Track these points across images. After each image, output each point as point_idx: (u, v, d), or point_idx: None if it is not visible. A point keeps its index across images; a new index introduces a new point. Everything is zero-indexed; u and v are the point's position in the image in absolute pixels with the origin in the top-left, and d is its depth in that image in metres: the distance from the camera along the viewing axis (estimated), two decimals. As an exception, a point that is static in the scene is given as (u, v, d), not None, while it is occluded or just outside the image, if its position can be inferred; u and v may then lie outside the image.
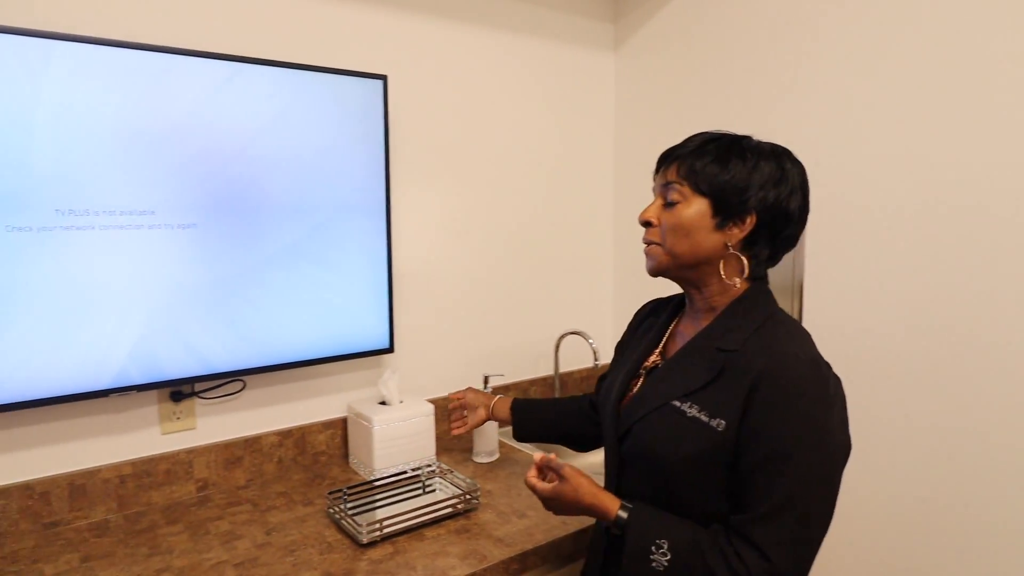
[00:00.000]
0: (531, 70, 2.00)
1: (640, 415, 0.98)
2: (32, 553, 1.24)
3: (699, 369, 0.95)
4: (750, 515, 0.87)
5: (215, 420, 1.53)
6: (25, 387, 1.23)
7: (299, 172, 1.50)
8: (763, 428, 0.86)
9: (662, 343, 1.07)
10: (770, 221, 0.95)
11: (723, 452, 0.89)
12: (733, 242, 0.95)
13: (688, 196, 0.96)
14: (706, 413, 0.91)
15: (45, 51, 1.19)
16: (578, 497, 0.99)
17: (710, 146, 0.96)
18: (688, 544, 0.89)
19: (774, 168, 0.95)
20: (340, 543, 1.27)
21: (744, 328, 0.94)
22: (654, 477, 0.97)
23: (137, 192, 1.30)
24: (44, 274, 1.22)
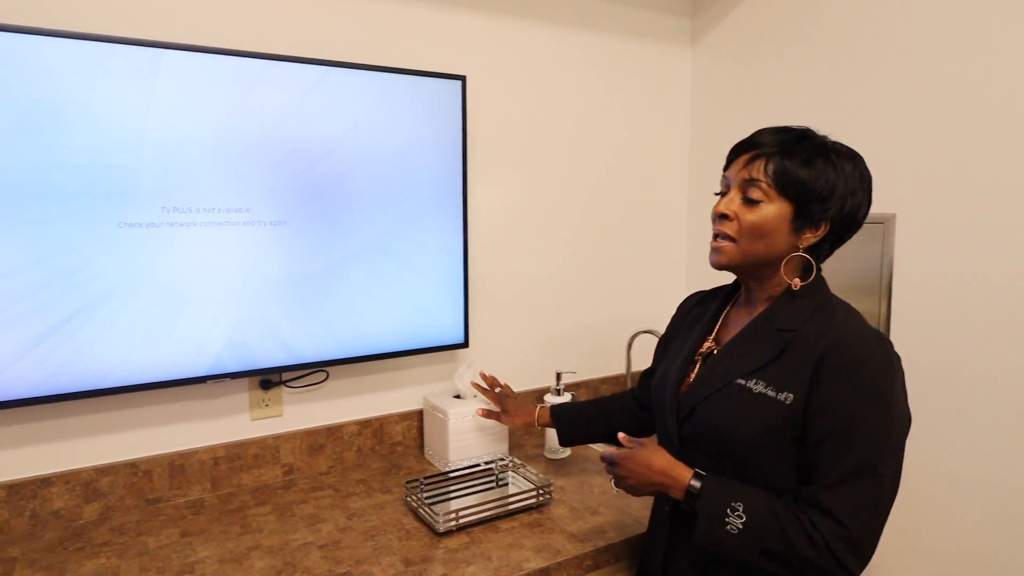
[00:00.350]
0: (606, 67, 2.00)
1: (703, 396, 0.99)
2: (137, 527, 1.34)
3: (761, 349, 0.96)
4: (821, 484, 0.88)
5: (300, 408, 1.61)
6: (133, 371, 1.32)
7: (381, 171, 1.55)
8: (832, 399, 0.88)
9: (715, 330, 1.09)
10: (841, 227, 0.97)
11: (792, 425, 0.91)
12: (804, 246, 0.96)
13: (772, 197, 0.95)
14: (773, 388, 0.92)
15: (154, 60, 1.28)
16: (650, 462, 1.00)
17: (799, 147, 0.95)
18: (763, 508, 0.90)
19: (854, 176, 0.95)
20: (417, 531, 1.31)
21: (803, 311, 0.96)
22: (720, 456, 0.98)
23: (234, 191, 1.38)
24: (151, 267, 1.32)
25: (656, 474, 1.00)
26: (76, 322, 1.26)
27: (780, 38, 1.86)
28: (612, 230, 2.06)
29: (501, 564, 1.18)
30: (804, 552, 0.87)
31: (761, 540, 0.89)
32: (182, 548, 1.25)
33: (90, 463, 1.38)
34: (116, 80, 1.25)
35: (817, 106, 1.77)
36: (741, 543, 0.90)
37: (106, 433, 1.39)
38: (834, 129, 1.59)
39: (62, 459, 1.36)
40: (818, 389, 0.89)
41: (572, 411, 1.42)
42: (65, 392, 1.26)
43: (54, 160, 1.21)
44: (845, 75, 1.68)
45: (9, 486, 1.29)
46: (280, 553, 1.22)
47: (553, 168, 1.93)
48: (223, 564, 1.19)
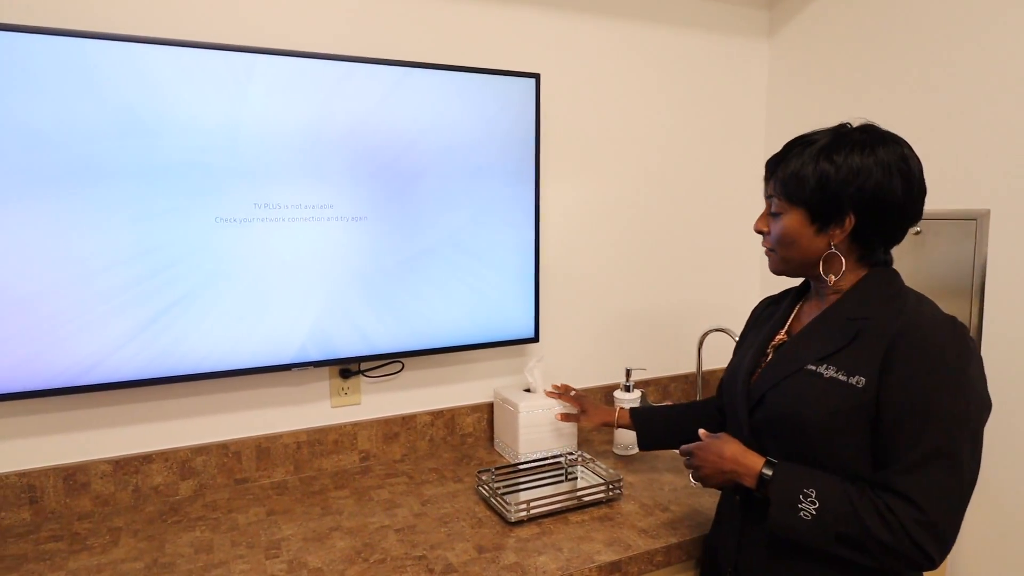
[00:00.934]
0: (680, 61, 1.98)
1: (773, 382, 1.01)
2: (227, 504, 1.42)
3: (832, 336, 0.97)
4: (896, 467, 0.87)
5: (377, 397, 1.67)
6: (226, 358, 1.41)
7: (456, 168, 1.59)
8: (905, 382, 0.88)
9: (788, 323, 1.10)
10: (872, 213, 0.95)
11: (864, 409, 0.90)
12: (836, 242, 0.98)
13: (785, 208, 1.00)
14: (844, 372, 0.93)
15: (249, 64, 1.35)
16: (721, 451, 1.03)
17: (804, 155, 0.97)
18: (837, 494, 0.90)
19: (864, 160, 0.94)
20: (489, 519, 1.34)
21: (874, 301, 0.96)
22: (792, 442, 0.98)
23: (319, 187, 1.45)
24: (243, 259, 1.40)
25: (728, 462, 1.02)
26: (177, 310, 1.35)
27: (861, 28, 1.79)
28: (684, 227, 2.04)
29: (572, 555, 1.20)
30: (880, 536, 0.86)
31: (835, 525, 0.89)
32: (268, 526, 1.32)
33: (186, 443, 1.48)
34: (214, 84, 1.33)
35: (901, 100, 1.70)
36: (814, 529, 0.90)
37: (200, 415, 1.49)
38: (919, 124, 1.52)
39: (162, 438, 1.46)
40: (890, 373, 0.89)
41: (653, 414, 1.42)
42: (166, 375, 1.36)
43: (159, 160, 1.30)
44: (931, 66, 1.61)
45: (115, 462, 1.40)
46: (359, 534, 1.28)
47: (625, 164, 1.93)
48: (307, 542, 1.25)
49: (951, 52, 1.59)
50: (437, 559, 1.19)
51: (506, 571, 1.15)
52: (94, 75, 1.24)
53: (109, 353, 1.31)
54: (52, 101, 1.22)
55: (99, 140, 1.26)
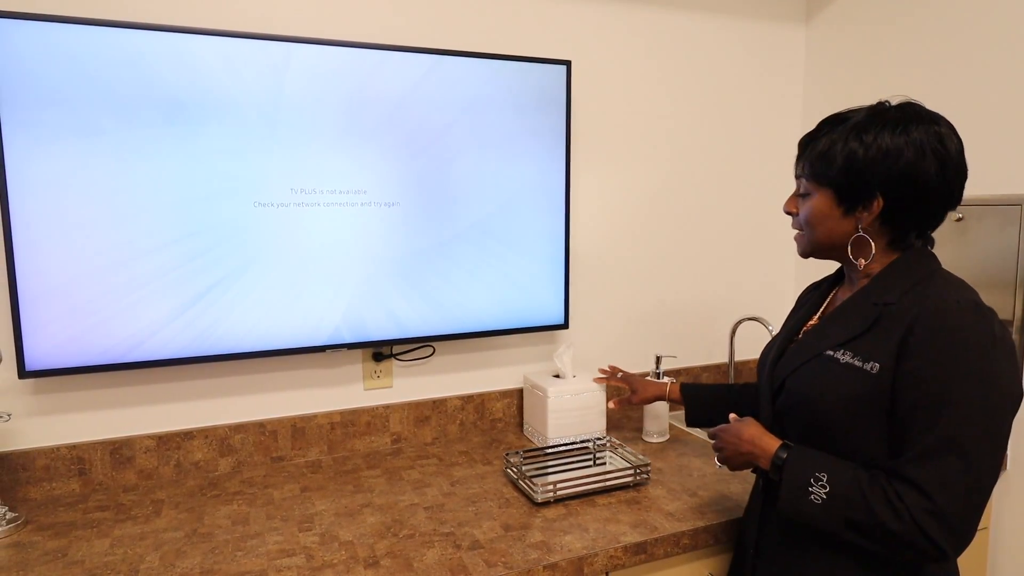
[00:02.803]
0: (715, 48, 1.96)
1: (793, 368, 1.01)
2: (264, 480, 1.47)
3: (854, 321, 0.96)
4: (908, 455, 0.86)
5: (408, 381, 1.70)
6: (263, 339, 1.45)
7: (487, 154, 1.61)
8: (920, 369, 0.86)
9: (821, 309, 1.09)
10: (902, 195, 0.92)
11: (879, 396, 0.89)
12: (864, 225, 0.96)
13: (813, 188, 0.99)
14: (859, 358, 0.92)
15: (287, 53, 1.39)
16: (740, 432, 1.03)
17: (834, 134, 0.96)
18: (848, 479, 0.89)
19: (896, 140, 0.91)
20: (516, 500, 1.35)
21: (902, 285, 0.93)
22: (810, 427, 0.98)
23: (353, 173, 1.48)
24: (280, 243, 1.44)
25: (745, 443, 1.02)
26: (217, 292, 1.40)
27: (901, 10, 1.75)
28: (717, 214, 2.02)
29: (598, 536, 1.21)
30: (888, 524, 0.85)
31: (845, 511, 0.88)
32: (302, 501, 1.36)
33: (225, 421, 1.53)
34: (254, 73, 1.37)
35: (943, 83, 1.65)
36: (824, 513, 0.90)
37: (239, 395, 1.54)
38: (962, 106, 1.49)
39: (202, 416, 1.51)
40: (905, 360, 0.87)
41: (701, 391, 1.41)
42: (207, 354, 1.41)
43: (201, 146, 1.35)
44: (974, 48, 1.56)
45: (159, 437, 1.46)
46: (389, 511, 1.31)
47: (657, 151, 1.92)
48: (339, 517, 1.29)
49: (995, 33, 1.54)
50: (464, 536, 1.21)
51: (532, 548, 1.16)
52: (141, 64, 1.29)
53: (153, 332, 1.36)
54: (104, 90, 1.27)
55: (147, 127, 1.31)
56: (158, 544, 1.19)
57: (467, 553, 1.15)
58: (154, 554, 1.15)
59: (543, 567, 1.11)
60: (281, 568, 1.10)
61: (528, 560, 1.12)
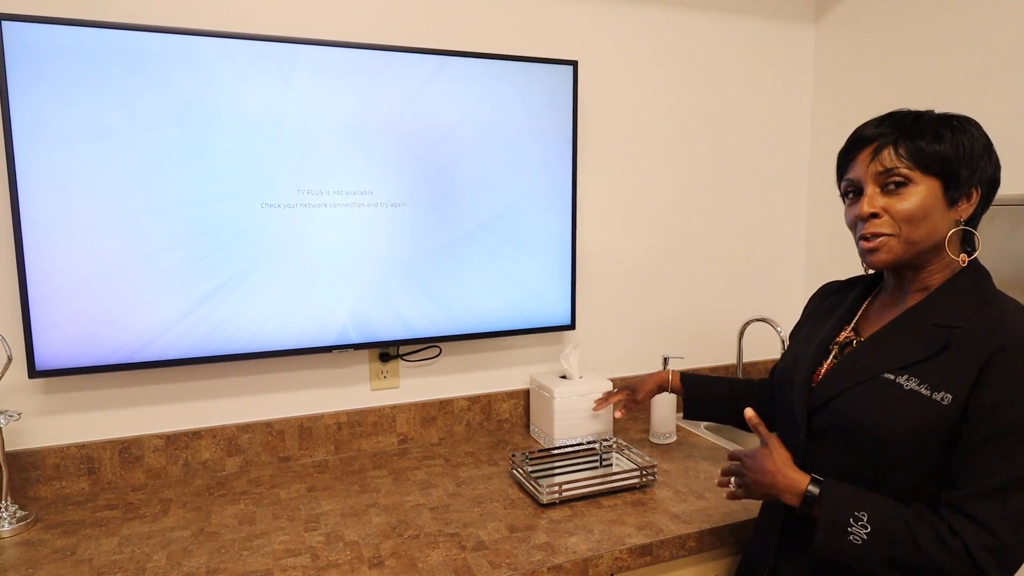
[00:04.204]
0: (723, 48, 1.95)
1: (842, 388, 0.94)
2: (270, 480, 1.48)
3: (916, 343, 0.90)
4: (972, 490, 0.82)
5: (415, 381, 1.70)
6: (271, 339, 1.46)
7: (493, 155, 1.61)
8: (999, 402, 0.82)
9: (854, 321, 1.03)
10: (989, 191, 0.93)
11: (945, 428, 0.85)
12: (964, 218, 0.92)
13: (917, 179, 0.90)
14: (927, 387, 0.86)
15: (293, 55, 1.40)
16: (764, 462, 0.97)
17: (919, 124, 0.91)
18: (891, 517, 0.85)
19: (981, 138, 0.91)
20: (522, 501, 1.35)
21: (966, 306, 0.89)
22: (855, 453, 0.92)
23: (359, 174, 1.49)
24: (287, 244, 1.44)
25: (768, 475, 0.96)
26: (224, 292, 1.40)
27: (912, 10, 1.73)
28: (725, 216, 2.01)
29: (603, 537, 1.20)
30: (937, 560, 0.82)
31: (888, 550, 0.84)
32: (309, 501, 1.36)
33: (233, 421, 1.54)
34: (261, 74, 1.38)
35: (953, 83, 1.64)
36: (865, 553, 0.85)
37: (246, 395, 1.55)
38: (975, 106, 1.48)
39: (210, 416, 1.52)
40: (984, 391, 0.82)
41: (703, 383, 1.37)
42: (215, 354, 1.41)
43: (210, 147, 1.36)
44: (985, 49, 1.55)
45: (167, 437, 1.47)
46: (395, 512, 1.31)
47: (664, 151, 1.91)
48: (344, 517, 1.29)
49: (1007, 32, 1.52)
50: (469, 536, 1.21)
51: (536, 550, 1.16)
52: (150, 66, 1.30)
53: (162, 332, 1.37)
54: (113, 92, 1.28)
55: (155, 128, 1.32)
56: (165, 543, 1.19)
57: (472, 554, 1.15)
58: (161, 553, 1.16)
59: (547, 569, 1.11)
60: (286, 568, 1.11)
61: (533, 562, 1.12)
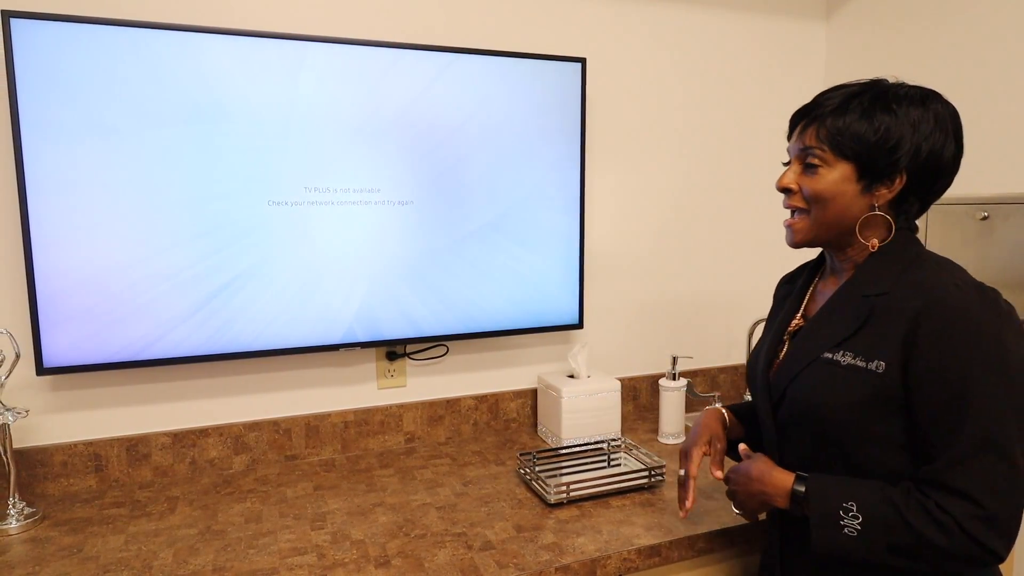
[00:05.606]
0: (733, 45, 1.93)
1: (791, 376, 0.94)
2: (277, 478, 1.47)
3: (846, 318, 0.90)
4: (943, 461, 0.81)
5: (422, 380, 1.69)
6: (278, 337, 1.46)
7: (501, 153, 1.60)
8: (937, 365, 0.80)
9: (803, 305, 1.03)
10: (923, 176, 0.89)
11: (891, 397, 0.84)
12: (881, 203, 0.90)
13: (830, 161, 0.90)
14: (862, 358, 0.86)
15: (301, 52, 1.39)
16: (749, 471, 0.97)
17: (852, 103, 0.89)
18: (879, 502, 0.83)
19: (923, 116, 0.87)
20: (529, 500, 1.34)
21: (890, 272, 0.89)
22: (820, 439, 0.91)
23: (366, 172, 1.48)
24: (294, 242, 1.44)
25: (755, 483, 0.96)
26: (231, 290, 1.40)
27: (922, 7, 1.71)
28: (734, 213, 2.00)
29: (611, 538, 1.19)
30: (935, 540, 0.80)
31: (885, 536, 0.82)
32: (315, 500, 1.36)
33: (240, 419, 1.53)
34: (268, 72, 1.38)
35: (964, 80, 1.61)
36: (862, 544, 0.83)
37: (253, 393, 1.54)
38: (987, 104, 1.45)
39: (217, 414, 1.52)
40: (917, 354, 0.82)
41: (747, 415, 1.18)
42: (222, 352, 1.41)
43: (216, 145, 1.36)
44: (996, 45, 1.53)
45: (174, 435, 1.47)
46: (401, 511, 1.30)
47: (673, 149, 1.90)
48: (351, 516, 1.28)
49: (1017, 30, 1.50)
50: (476, 536, 1.20)
51: (544, 550, 1.15)
52: (157, 64, 1.30)
53: (169, 330, 1.37)
54: (120, 90, 1.28)
55: (163, 126, 1.32)
56: (172, 541, 1.19)
57: (478, 554, 1.14)
58: (168, 551, 1.16)
59: (555, 569, 1.10)
60: (292, 566, 1.10)
61: (540, 562, 1.11)
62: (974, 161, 1.59)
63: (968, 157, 0.93)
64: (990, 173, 1.60)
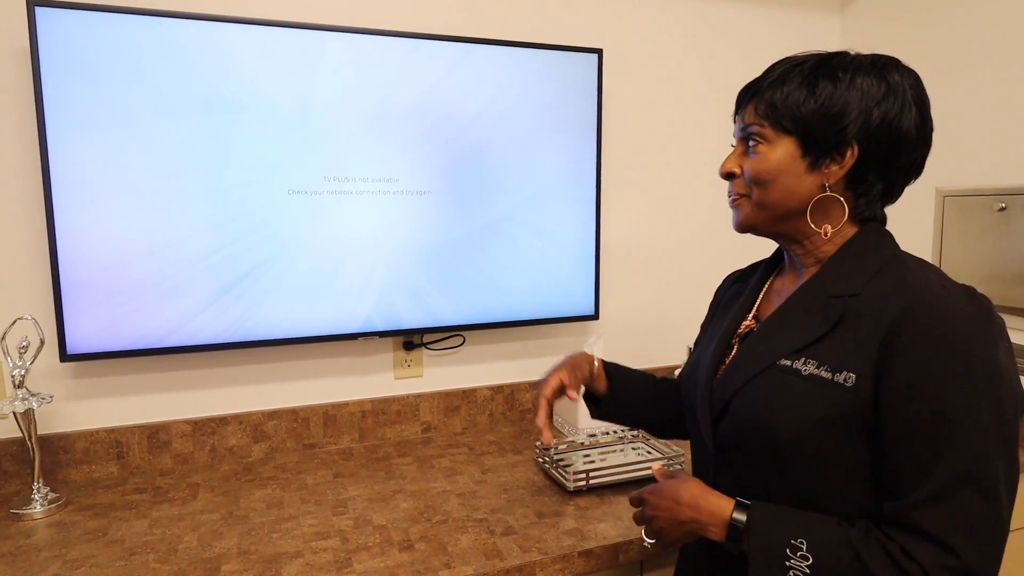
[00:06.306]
0: (749, 37, 1.93)
1: (738, 385, 0.81)
2: (297, 466, 1.48)
3: (810, 321, 0.78)
4: (915, 497, 0.68)
5: (438, 371, 1.70)
6: (297, 326, 1.46)
7: (518, 144, 1.60)
8: (917, 380, 0.68)
9: (755, 306, 0.91)
10: (878, 148, 0.77)
11: (857, 415, 0.71)
12: (832, 181, 0.79)
13: (770, 137, 0.80)
14: (827, 368, 0.73)
15: (321, 42, 1.40)
16: (677, 494, 0.81)
17: (793, 73, 0.80)
18: (835, 542, 0.70)
19: (875, 83, 0.77)
20: (548, 488, 1.35)
21: (862, 271, 0.77)
22: (767, 461, 0.78)
23: (384, 162, 1.49)
24: (313, 231, 1.45)
25: (685, 509, 0.80)
26: (252, 278, 1.41)
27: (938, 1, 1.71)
28: (749, 207, 2.00)
29: (632, 524, 1.19)
30: None
31: None
32: (335, 487, 1.37)
33: (259, 407, 1.54)
34: (288, 62, 1.38)
35: (981, 73, 1.61)
36: None
37: (272, 382, 1.55)
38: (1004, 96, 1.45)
39: (236, 402, 1.53)
40: (893, 367, 0.69)
41: (628, 381, 1.12)
42: (242, 340, 1.42)
43: (237, 135, 1.37)
44: (1013, 38, 1.52)
45: (194, 423, 1.48)
46: (422, 497, 1.31)
47: (689, 142, 1.90)
48: (372, 502, 1.29)
49: (1042, 16, 1.50)
50: (497, 522, 1.21)
51: (566, 535, 1.15)
52: (179, 54, 1.31)
53: (190, 318, 1.38)
54: (142, 79, 1.29)
55: (184, 116, 1.33)
56: (195, 525, 1.20)
57: (501, 538, 1.15)
58: (192, 534, 1.16)
59: (578, 553, 1.11)
60: (317, 550, 1.11)
61: (563, 546, 1.12)
62: (992, 151, 1.58)
63: (986, 147, 0.90)
64: (1008, 164, 1.60)
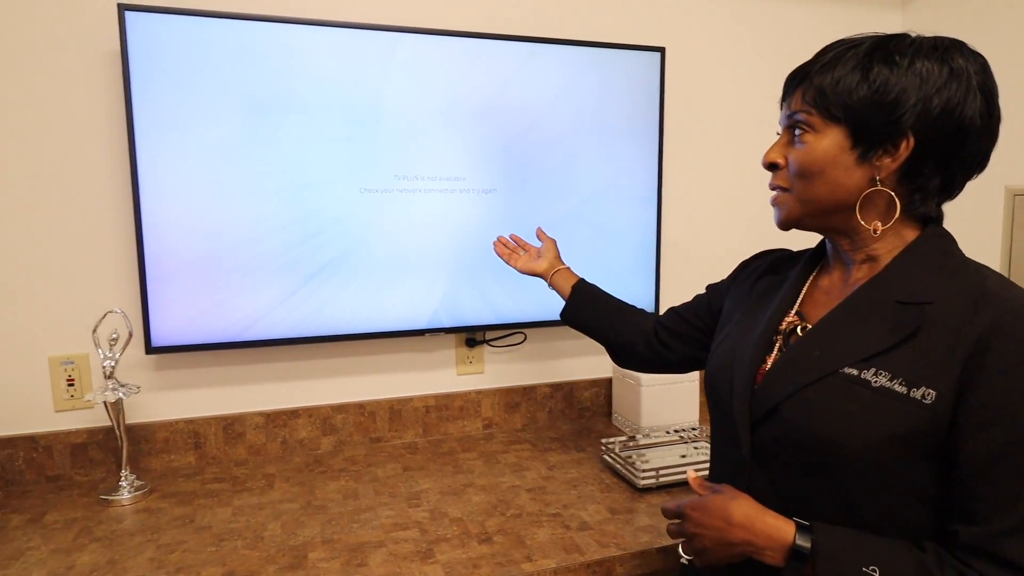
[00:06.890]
0: (810, 34, 1.91)
1: (790, 390, 0.74)
2: (365, 459, 1.51)
3: (878, 327, 0.71)
4: (999, 525, 0.64)
5: (499, 368, 1.72)
6: (366, 321, 1.49)
7: (580, 144, 1.61)
8: (1007, 401, 0.64)
9: (798, 303, 0.84)
10: (938, 139, 0.70)
11: (931, 434, 0.66)
12: (883, 175, 0.73)
13: (818, 126, 0.74)
14: (902, 381, 0.67)
15: (393, 43, 1.43)
16: (728, 512, 0.73)
17: (847, 56, 0.73)
18: (909, 569, 0.65)
19: (936, 67, 0.70)
20: (617, 485, 1.35)
21: (934, 276, 0.71)
22: (816, 475, 0.73)
23: (453, 160, 1.51)
24: (383, 229, 1.48)
25: (736, 529, 0.72)
26: (323, 275, 1.44)
27: (1019, -10, 1.67)
28: (808, 206, 1.98)
29: (706, 521, 1.19)
30: None
31: None
32: (406, 480, 1.39)
33: (327, 401, 1.58)
34: (362, 62, 1.41)
35: (1066, 63, 1.57)
36: None
37: (340, 376, 1.59)
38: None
39: (307, 396, 1.56)
40: (978, 385, 0.64)
41: (594, 297, 1.26)
42: (314, 335, 1.45)
43: (313, 134, 1.40)
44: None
45: (267, 415, 1.52)
46: (493, 492, 1.33)
47: (750, 142, 1.89)
48: (444, 495, 1.31)
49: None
50: (571, 517, 1.22)
51: (642, 532, 1.16)
52: (259, 55, 1.35)
53: (265, 313, 1.42)
54: (224, 80, 1.33)
55: (263, 116, 1.37)
56: (277, 514, 1.23)
57: (577, 533, 1.16)
58: (275, 523, 1.20)
59: (656, 550, 1.11)
60: (399, 540, 1.13)
61: (640, 542, 1.12)
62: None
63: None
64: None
